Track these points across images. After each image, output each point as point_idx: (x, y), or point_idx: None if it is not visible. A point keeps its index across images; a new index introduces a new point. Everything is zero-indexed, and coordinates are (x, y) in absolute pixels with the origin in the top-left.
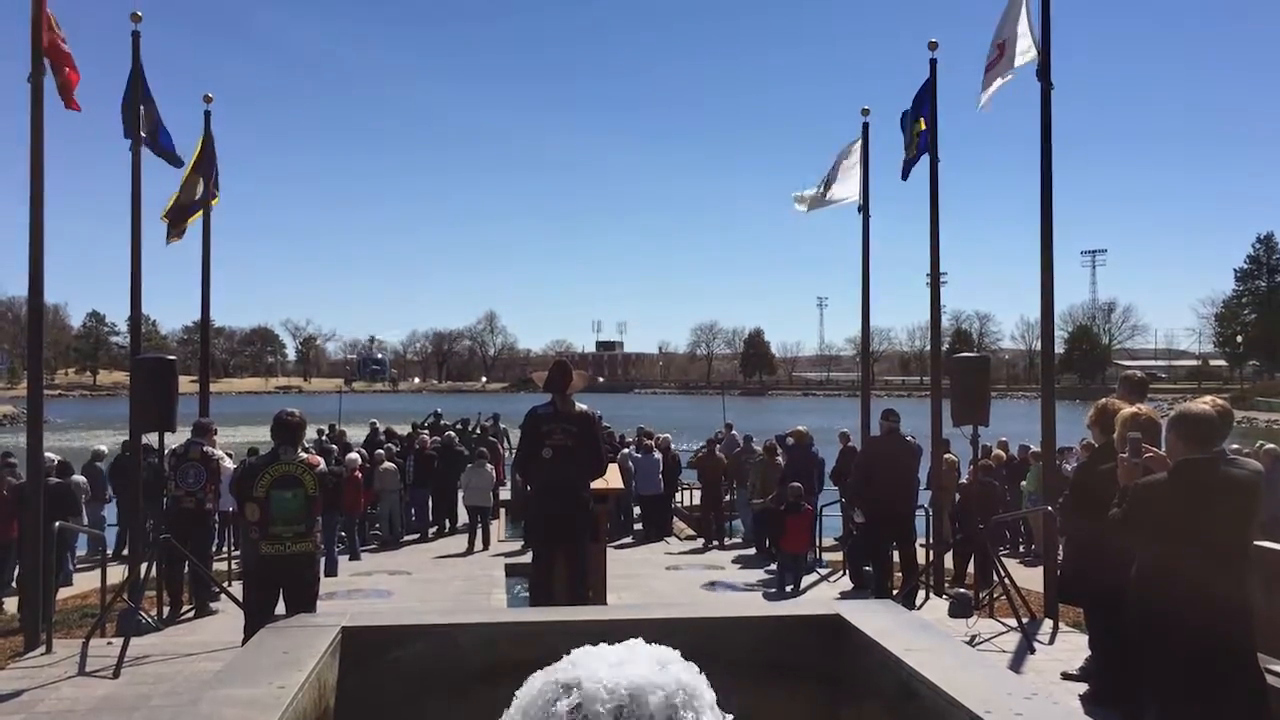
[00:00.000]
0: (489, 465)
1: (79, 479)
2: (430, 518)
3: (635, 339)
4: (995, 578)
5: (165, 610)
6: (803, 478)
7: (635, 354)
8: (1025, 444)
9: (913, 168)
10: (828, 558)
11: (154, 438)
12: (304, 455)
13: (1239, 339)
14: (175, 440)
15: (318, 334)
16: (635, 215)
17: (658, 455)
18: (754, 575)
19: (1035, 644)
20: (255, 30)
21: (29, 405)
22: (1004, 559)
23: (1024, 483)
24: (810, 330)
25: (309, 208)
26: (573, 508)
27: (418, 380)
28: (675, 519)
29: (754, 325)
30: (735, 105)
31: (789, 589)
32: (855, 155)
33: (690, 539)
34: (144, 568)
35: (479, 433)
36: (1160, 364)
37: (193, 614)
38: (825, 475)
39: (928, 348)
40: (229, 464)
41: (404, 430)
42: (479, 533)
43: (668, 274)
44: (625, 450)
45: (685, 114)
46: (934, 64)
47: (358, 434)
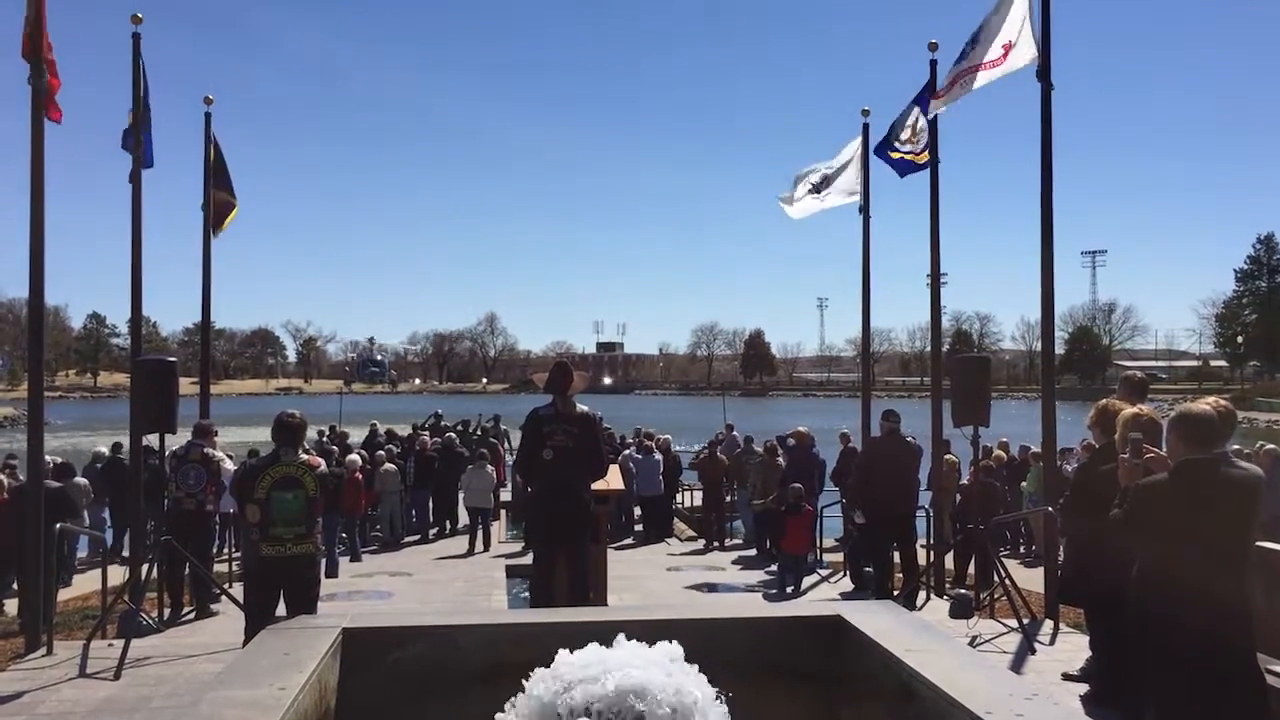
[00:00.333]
0: (489, 466)
1: (80, 481)
2: (431, 519)
3: (636, 340)
4: (996, 578)
5: (166, 612)
6: (803, 478)
7: (636, 355)
8: (1026, 445)
9: (911, 172)
10: (828, 558)
11: (154, 439)
12: (305, 456)
13: (1239, 339)
14: (176, 442)
15: (318, 335)
16: (636, 215)
17: (658, 456)
18: (754, 576)
19: (1036, 645)
20: (254, 30)
21: (29, 407)
22: (1004, 560)
23: (1024, 483)
24: (811, 331)
25: (309, 208)
26: (574, 509)
27: (418, 381)
28: (676, 520)
29: (754, 326)
30: (735, 105)
31: (789, 590)
32: (855, 156)
33: (691, 540)
34: (145, 569)
35: (479, 434)
36: (1161, 364)
37: (193, 615)
38: (826, 476)
39: (928, 348)
40: (229, 465)
41: (404, 431)
42: (479, 534)
43: (668, 274)
44: (626, 451)
45: (685, 113)
46: (934, 65)
47: (359, 435)
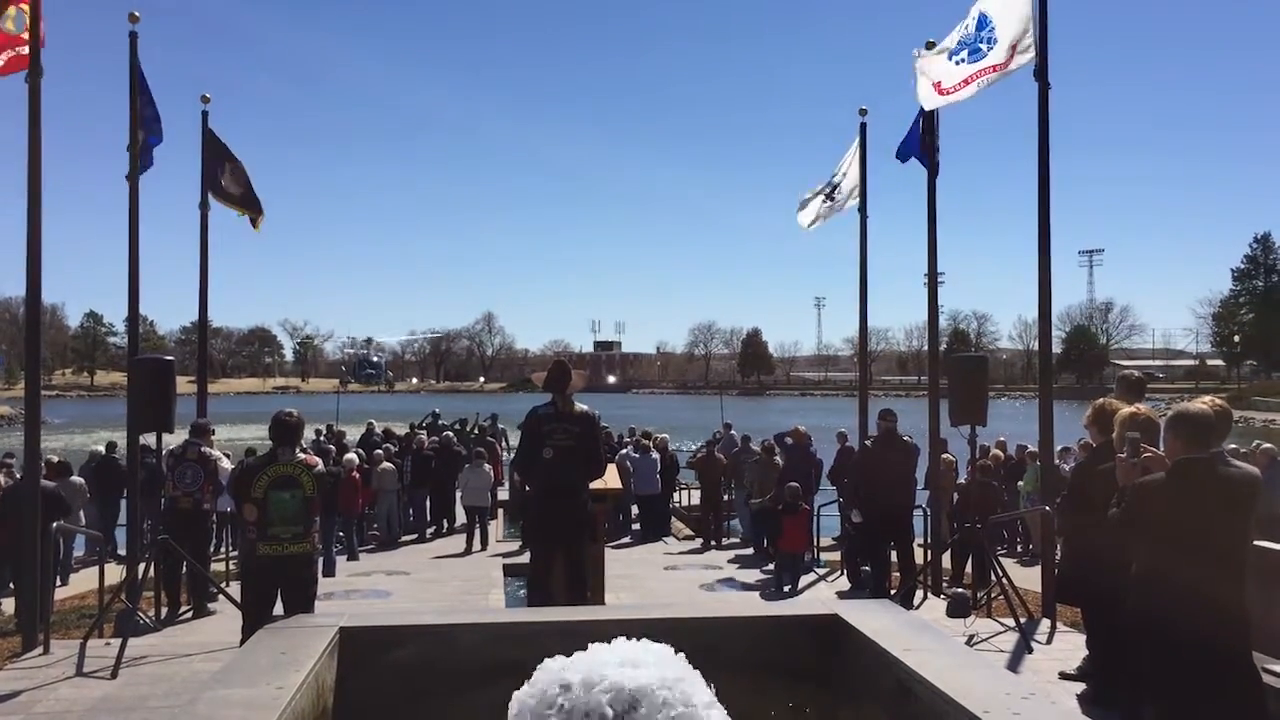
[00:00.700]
0: (487, 465)
1: (77, 480)
2: (428, 518)
3: (633, 339)
4: (993, 577)
5: (163, 611)
6: (801, 477)
7: (633, 354)
8: (1023, 444)
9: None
10: (826, 557)
11: (152, 438)
12: (302, 456)
13: (1236, 339)
14: (173, 441)
15: (315, 334)
16: (633, 215)
17: (655, 455)
18: (752, 575)
19: (1033, 644)
20: (251, 30)
21: (26, 406)
22: (1002, 559)
23: (1021, 482)
24: (808, 330)
25: (306, 207)
26: (572, 508)
27: (415, 380)
28: (673, 519)
29: (752, 325)
30: (733, 105)
31: (787, 589)
32: (855, 157)
33: (688, 539)
34: (142, 568)
35: (477, 433)
36: (1158, 364)
37: (191, 614)
38: (823, 475)
39: (925, 347)
40: (226, 464)
41: (402, 430)
42: (477, 533)
43: (665, 274)
44: (623, 450)
45: (683, 113)
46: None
47: (356, 434)
